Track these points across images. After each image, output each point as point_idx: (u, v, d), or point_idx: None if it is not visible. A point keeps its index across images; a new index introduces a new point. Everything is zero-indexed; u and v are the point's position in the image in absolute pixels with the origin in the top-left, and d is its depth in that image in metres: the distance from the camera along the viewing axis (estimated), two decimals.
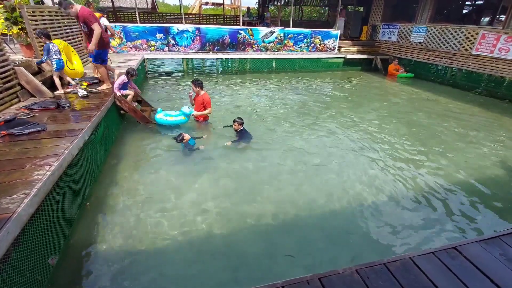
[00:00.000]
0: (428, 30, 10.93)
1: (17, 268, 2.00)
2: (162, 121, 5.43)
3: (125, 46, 10.39)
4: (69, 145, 3.08)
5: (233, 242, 2.96)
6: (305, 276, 1.79)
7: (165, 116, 5.44)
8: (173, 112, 5.59)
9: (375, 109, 7.43)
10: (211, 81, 10.05)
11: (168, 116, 5.45)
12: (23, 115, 3.89)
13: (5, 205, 2.11)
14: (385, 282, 1.76)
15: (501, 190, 4.04)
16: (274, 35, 12.02)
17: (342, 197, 3.75)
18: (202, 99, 5.52)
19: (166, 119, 5.42)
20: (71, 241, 2.84)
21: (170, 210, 3.36)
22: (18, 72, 4.47)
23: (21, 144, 3.12)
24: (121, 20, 13.90)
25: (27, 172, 2.55)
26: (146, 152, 4.71)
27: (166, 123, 5.45)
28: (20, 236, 2.07)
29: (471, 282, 1.78)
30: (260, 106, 7.36)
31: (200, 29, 10.97)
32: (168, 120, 5.42)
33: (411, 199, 3.76)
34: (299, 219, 3.33)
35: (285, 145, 5.12)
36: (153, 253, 2.77)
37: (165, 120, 5.42)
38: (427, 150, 5.16)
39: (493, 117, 7.17)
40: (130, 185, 3.81)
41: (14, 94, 4.40)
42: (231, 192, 3.75)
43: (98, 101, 4.71)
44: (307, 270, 2.60)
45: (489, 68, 9.13)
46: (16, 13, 5.49)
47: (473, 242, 2.12)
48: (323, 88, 9.72)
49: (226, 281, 2.53)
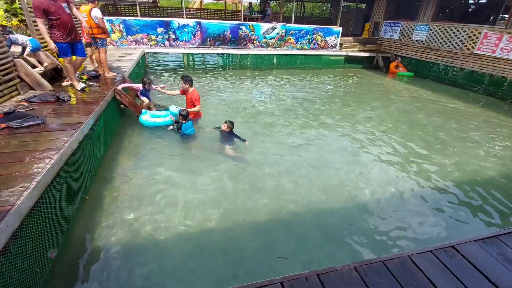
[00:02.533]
0: (430, 29, 10.88)
1: (16, 261, 2.00)
2: (148, 123, 5.10)
3: (125, 40, 10.32)
4: (69, 139, 3.07)
5: (231, 238, 2.97)
6: (303, 272, 1.80)
7: (151, 118, 5.12)
8: (160, 112, 5.34)
9: (376, 108, 7.42)
10: (212, 76, 10.01)
11: (155, 118, 5.14)
12: (22, 107, 3.87)
13: (5, 197, 2.11)
14: (383, 280, 1.77)
15: (500, 190, 4.05)
16: (275, 31, 11.95)
17: (341, 194, 3.76)
18: (191, 96, 5.34)
19: (153, 121, 5.11)
20: (71, 235, 2.85)
21: (169, 205, 3.36)
22: (18, 65, 4.44)
23: (20, 137, 3.11)
24: (122, 14, 13.78)
25: (26, 165, 2.55)
26: (145, 147, 4.70)
27: (153, 125, 5.13)
28: (19, 229, 2.07)
29: (469, 280, 1.79)
30: (260, 102, 7.34)
31: (201, 24, 10.89)
32: (155, 121, 5.11)
33: (410, 197, 3.77)
34: (297, 216, 3.34)
35: (284, 142, 5.12)
36: (152, 247, 2.78)
37: (151, 122, 5.10)
38: (426, 149, 5.16)
39: (494, 117, 7.16)
40: (130, 179, 3.81)
41: (14, 87, 4.38)
42: (230, 188, 3.75)
43: (98, 95, 4.69)
44: (306, 267, 2.62)
45: (491, 68, 9.10)
46: (15, 4, 5.45)
47: (471, 241, 2.13)
48: (324, 85, 9.69)
49: (225, 276, 2.54)
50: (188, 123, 4.89)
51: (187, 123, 4.88)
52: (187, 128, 4.87)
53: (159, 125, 5.16)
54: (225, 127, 4.85)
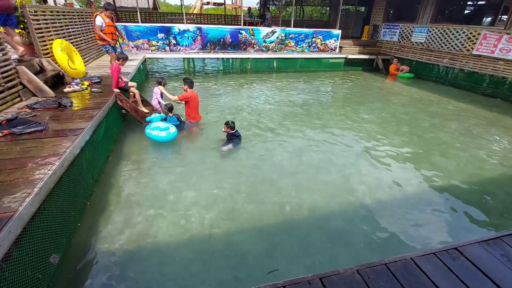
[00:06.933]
0: (429, 30, 10.91)
1: (18, 267, 2.00)
2: (155, 137, 4.74)
3: (126, 45, 10.39)
4: (71, 145, 3.09)
5: (233, 242, 2.96)
6: (306, 276, 1.79)
7: (161, 132, 4.72)
8: (164, 124, 4.90)
9: (376, 109, 7.43)
10: (212, 81, 10.05)
11: (162, 131, 4.73)
12: (25, 114, 3.90)
13: (7, 204, 2.11)
14: (386, 283, 1.76)
15: (502, 191, 4.03)
16: (275, 35, 12.02)
17: (342, 197, 3.75)
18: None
19: (160, 135, 4.71)
20: (73, 240, 2.85)
21: (170, 210, 3.36)
22: (20, 71, 4.48)
23: (22, 143, 3.13)
24: (123, 20, 13.92)
25: (28, 171, 2.56)
26: (147, 151, 4.72)
27: (160, 139, 4.78)
28: (22, 235, 2.08)
29: (472, 282, 1.78)
30: (260, 106, 7.36)
31: (201, 29, 10.98)
32: (162, 136, 4.72)
33: (412, 200, 3.75)
34: (299, 219, 3.33)
35: (286, 145, 5.12)
36: (153, 252, 2.78)
37: (160, 137, 4.72)
38: (428, 150, 5.15)
39: (495, 118, 7.15)
40: (131, 184, 3.81)
41: (16, 93, 4.41)
42: (231, 192, 3.75)
43: (100, 101, 4.72)
44: (308, 270, 2.60)
45: (491, 68, 9.10)
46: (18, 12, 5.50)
47: (474, 243, 2.11)
48: (324, 88, 9.71)
49: (227, 281, 2.53)
50: (173, 117, 5.32)
51: (173, 117, 5.31)
52: (173, 121, 5.25)
53: (166, 140, 4.82)
54: (226, 129, 4.88)
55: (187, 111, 5.70)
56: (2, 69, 4.11)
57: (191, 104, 5.60)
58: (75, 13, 7.50)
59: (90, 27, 8.28)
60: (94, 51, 8.51)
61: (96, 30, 5.57)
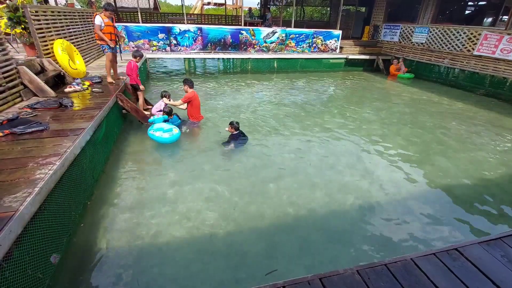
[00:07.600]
0: (430, 31, 10.90)
1: (19, 266, 2.01)
2: (158, 139, 4.74)
3: (127, 46, 10.41)
4: (71, 144, 3.09)
5: (233, 242, 2.96)
6: (306, 276, 1.79)
7: (164, 133, 4.72)
8: (167, 126, 4.91)
9: (377, 110, 7.42)
10: (213, 81, 10.06)
11: (166, 133, 4.75)
12: (25, 114, 3.91)
13: (8, 203, 2.12)
14: (386, 283, 1.76)
15: (502, 191, 4.02)
16: (276, 35, 12.02)
17: (342, 197, 3.75)
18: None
19: (164, 137, 4.72)
20: (73, 240, 2.85)
21: (170, 210, 3.36)
22: (21, 71, 4.49)
23: (23, 143, 3.13)
24: (123, 20, 13.93)
25: (29, 171, 2.57)
26: (147, 152, 4.72)
27: (163, 141, 4.79)
28: (23, 234, 2.08)
29: (472, 283, 1.78)
30: (260, 106, 7.36)
31: (202, 29, 10.98)
32: (165, 137, 4.73)
33: (413, 200, 3.75)
34: (300, 219, 3.33)
35: (286, 145, 5.12)
36: (153, 252, 2.78)
37: (163, 138, 4.73)
38: (428, 150, 5.14)
39: (495, 118, 7.14)
40: (132, 184, 3.82)
41: (17, 93, 4.43)
42: (232, 192, 3.75)
43: (100, 101, 4.73)
44: (308, 270, 2.61)
45: (491, 69, 9.10)
46: (19, 13, 5.51)
47: (474, 244, 2.11)
48: (325, 89, 9.71)
49: (227, 281, 2.54)
50: (174, 117, 5.37)
51: (174, 117, 5.37)
52: (173, 122, 5.31)
53: (169, 141, 4.81)
54: (230, 129, 4.89)
55: (190, 110, 5.70)
56: (3, 69, 4.12)
57: (193, 103, 5.62)
58: (76, 13, 7.52)
59: (90, 27, 8.30)
60: (95, 51, 8.53)
61: (95, 30, 5.58)
